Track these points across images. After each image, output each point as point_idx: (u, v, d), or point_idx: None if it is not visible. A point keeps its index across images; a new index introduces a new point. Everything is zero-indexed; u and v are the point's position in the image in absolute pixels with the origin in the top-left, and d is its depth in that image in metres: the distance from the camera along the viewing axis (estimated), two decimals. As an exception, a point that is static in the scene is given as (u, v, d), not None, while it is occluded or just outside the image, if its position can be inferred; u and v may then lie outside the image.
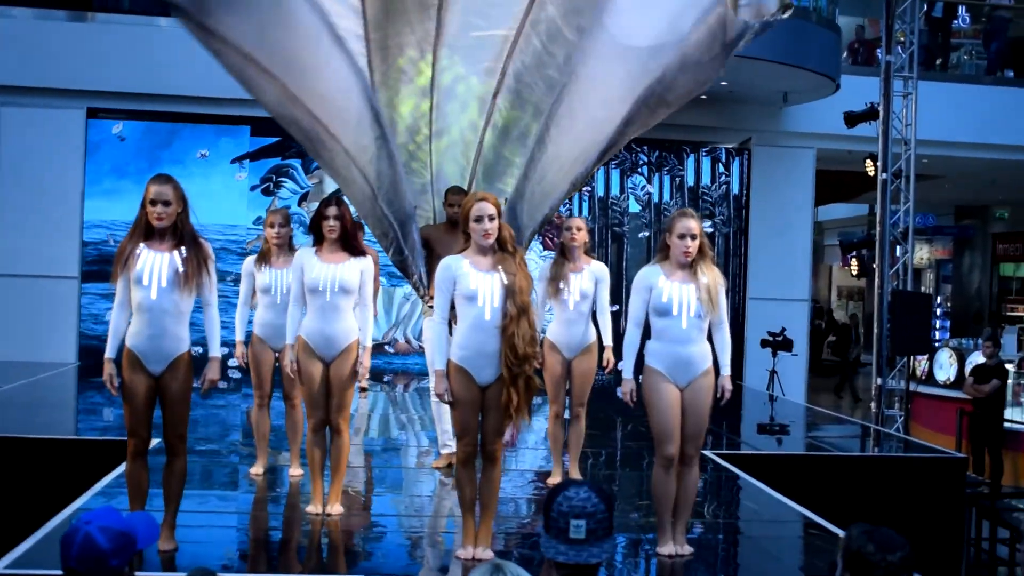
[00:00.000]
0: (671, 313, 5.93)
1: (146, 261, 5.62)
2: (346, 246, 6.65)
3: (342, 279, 6.56)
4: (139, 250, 5.65)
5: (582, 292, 7.50)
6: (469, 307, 5.66)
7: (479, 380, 5.70)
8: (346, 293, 6.58)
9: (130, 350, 5.68)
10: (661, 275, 5.99)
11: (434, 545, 6.72)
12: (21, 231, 14.93)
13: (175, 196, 5.67)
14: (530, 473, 8.77)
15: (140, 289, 5.61)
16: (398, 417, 11.86)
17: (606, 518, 3.04)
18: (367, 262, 6.74)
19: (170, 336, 5.67)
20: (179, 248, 5.67)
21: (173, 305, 5.65)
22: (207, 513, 7.11)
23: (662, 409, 5.95)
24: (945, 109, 16.40)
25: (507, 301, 5.63)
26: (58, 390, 12.95)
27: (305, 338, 6.62)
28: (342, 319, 6.61)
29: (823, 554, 6.61)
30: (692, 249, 5.94)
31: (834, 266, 33.42)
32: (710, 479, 8.69)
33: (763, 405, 14.26)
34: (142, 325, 5.65)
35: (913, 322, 13.96)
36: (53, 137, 14.99)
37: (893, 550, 3.09)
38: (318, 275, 6.54)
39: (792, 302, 16.88)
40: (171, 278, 5.62)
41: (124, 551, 3.08)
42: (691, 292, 5.94)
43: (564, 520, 3.02)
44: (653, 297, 5.96)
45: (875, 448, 11.32)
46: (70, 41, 14.86)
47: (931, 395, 16.01)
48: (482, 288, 5.63)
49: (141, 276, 5.59)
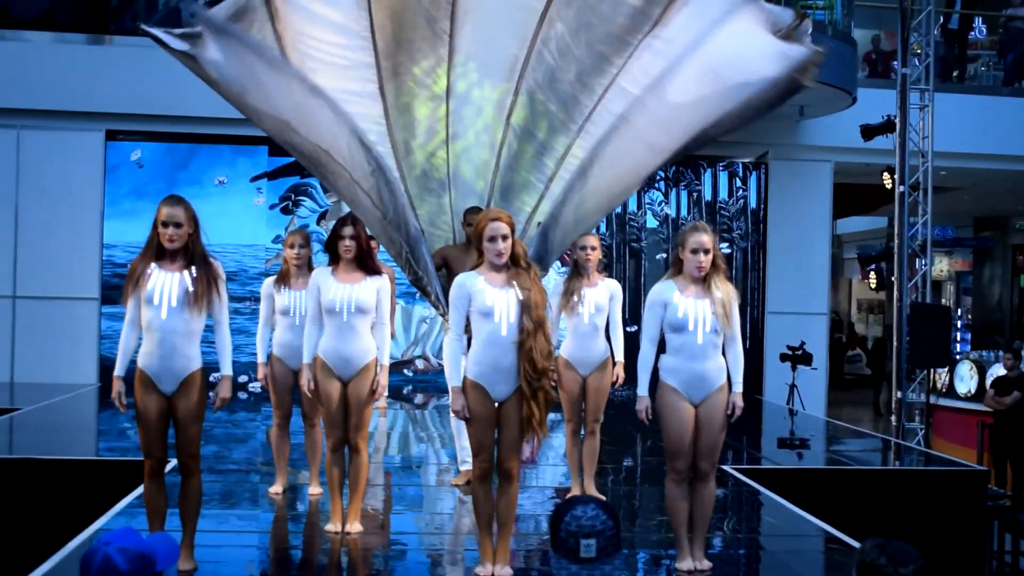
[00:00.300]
0: (687, 329, 5.92)
1: (157, 281, 5.66)
2: (362, 265, 6.66)
3: (358, 299, 6.57)
4: (150, 270, 5.69)
5: (597, 305, 7.53)
6: (485, 323, 5.70)
7: (494, 396, 5.72)
8: (363, 313, 6.60)
9: (142, 371, 5.72)
10: (676, 290, 5.98)
11: (454, 563, 6.71)
12: (41, 253, 15.01)
13: (186, 217, 5.72)
14: (550, 490, 8.76)
15: (151, 309, 5.65)
16: (418, 435, 11.86)
17: (615, 535, 3.03)
18: (383, 281, 6.76)
19: (181, 355, 5.70)
20: (189, 268, 5.71)
21: (184, 324, 5.68)
22: (227, 532, 7.13)
23: (675, 426, 5.93)
24: (962, 121, 16.35)
25: (523, 316, 5.66)
26: (79, 411, 13.00)
27: (323, 358, 6.65)
28: (359, 339, 6.63)
29: (843, 569, 6.57)
30: (705, 264, 5.94)
31: (853, 279, 33.29)
32: (730, 494, 8.66)
33: (783, 419, 14.22)
34: (153, 345, 5.69)
35: (932, 334, 13.91)
36: (72, 160, 15.09)
37: (906, 563, 3.08)
38: (334, 295, 6.56)
39: (811, 316, 16.83)
40: (181, 298, 5.65)
41: (143, 572, 3.09)
42: (706, 307, 5.93)
43: (574, 540, 2.99)
44: (668, 313, 5.95)
45: (896, 462, 11.27)
46: (88, 65, 14.97)
47: (952, 408, 15.93)
48: (498, 304, 5.67)
49: (152, 296, 5.63)
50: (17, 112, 15.00)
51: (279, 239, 14.83)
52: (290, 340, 7.59)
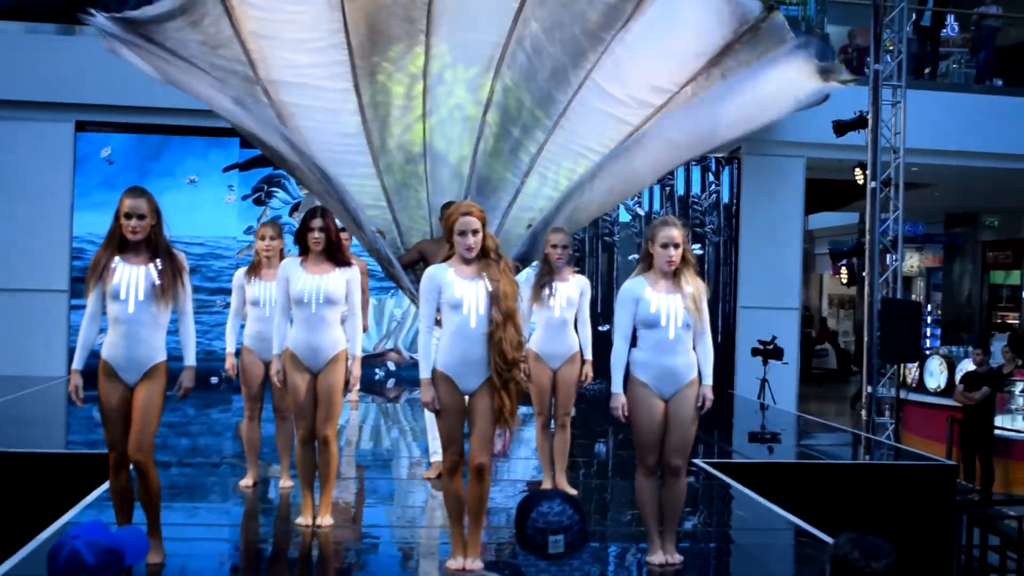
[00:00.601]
0: (660, 324, 5.91)
1: (122, 275, 5.65)
2: (331, 257, 6.66)
3: (327, 290, 6.58)
4: (114, 264, 5.68)
5: (568, 299, 7.57)
6: (454, 315, 5.70)
7: (463, 388, 5.72)
8: (331, 304, 6.61)
9: (106, 361, 5.71)
10: (647, 286, 5.97)
11: (426, 556, 6.70)
12: (10, 244, 14.90)
13: (149, 209, 5.70)
14: (521, 483, 8.75)
15: (117, 303, 5.64)
16: (389, 428, 11.84)
17: (582, 529, 3.01)
18: (353, 272, 6.75)
19: (146, 346, 5.70)
20: (154, 260, 5.71)
21: (151, 317, 5.69)
22: (197, 526, 7.09)
23: (645, 422, 5.93)
24: (934, 117, 16.42)
25: (492, 308, 5.65)
26: (48, 404, 12.91)
27: (292, 349, 6.64)
28: (328, 330, 6.63)
29: (814, 562, 6.60)
30: (676, 258, 5.92)
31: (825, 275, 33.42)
32: (701, 488, 8.69)
33: (754, 413, 14.26)
34: (118, 336, 5.68)
35: (903, 330, 13.97)
36: (42, 150, 14.97)
37: (879, 557, 3.09)
38: (303, 287, 6.57)
39: (783, 311, 16.88)
40: (148, 291, 5.66)
41: (110, 567, 3.07)
42: (678, 302, 5.92)
43: (541, 536, 2.97)
44: (640, 309, 5.93)
45: (866, 456, 11.32)
46: (58, 54, 14.85)
47: (922, 403, 16.01)
48: (467, 296, 5.67)
49: (118, 290, 5.62)
50: (-14, 102, 14.88)
51: (251, 230, 14.76)
52: (261, 331, 7.58)
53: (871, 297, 14.42)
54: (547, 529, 2.98)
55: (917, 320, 14.66)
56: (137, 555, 3.22)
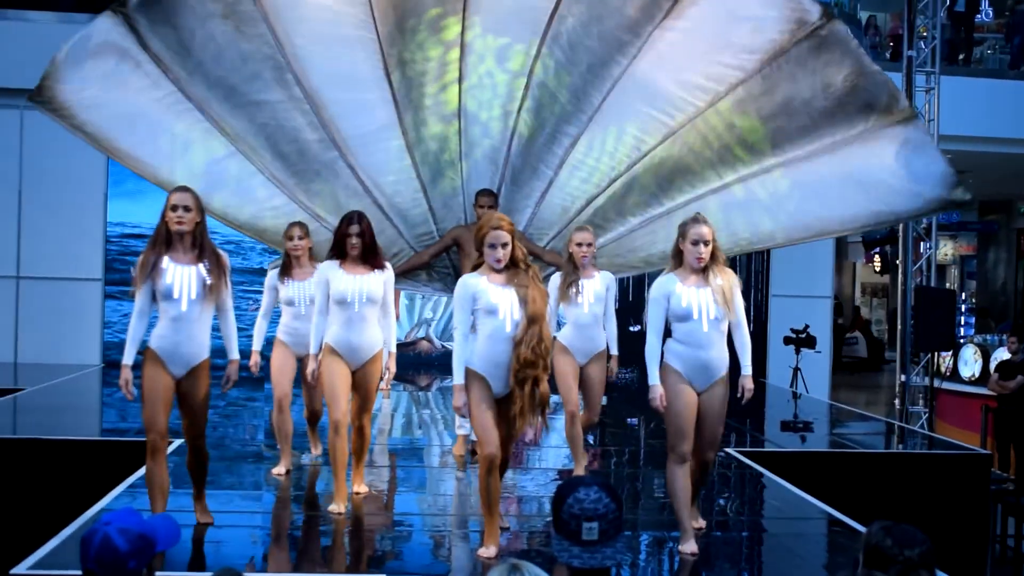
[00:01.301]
0: (692, 317, 6.01)
1: (174, 275, 5.93)
2: (367, 259, 6.84)
3: (369, 290, 6.78)
4: (164, 263, 5.93)
5: (596, 294, 7.67)
6: (490, 320, 5.87)
7: (495, 390, 5.93)
8: (372, 303, 6.82)
9: (154, 351, 5.99)
10: (677, 282, 6.07)
11: (458, 544, 6.72)
12: (44, 233, 15.01)
13: (195, 204, 6.00)
14: (552, 471, 8.77)
15: (170, 302, 5.95)
16: (421, 416, 11.86)
17: (617, 518, 2.99)
18: (388, 273, 6.96)
19: (195, 343, 6.01)
20: (202, 261, 6.00)
21: (199, 314, 6.01)
22: (230, 513, 7.13)
23: (679, 409, 6.05)
24: (968, 104, 16.28)
25: (522, 312, 5.85)
26: (82, 392, 13.02)
27: (332, 345, 6.82)
28: (368, 328, 6.85)
29: (847, 551, 6.58)
30: (705, 255, 6.03)
31: (858, 263, 33.26)
32: (733, 476, 8.66)
33: (786, 402, 14.22)
34: (169, 331, 5.98)
35: (937, 318, 13.88)
36: (76, 140, 14.93)
37: (912, 545, 3.07)
38: (346, 287, 6.75)
39: (815, 299, 16.81)
40: (200, 291, 5.97)
41: (143, 553, 3.08)
42: (708, 295, 6.02)
43: (576, 522, 2.96)
44: (672, 304, 6.04)
45: (899, 445, 11.26)
46: (92, 44, 14.90)
47: (956, 391, 15.90)
48: (503, 302, 5.86)
49: (171, 289, 5.92)
50: (21, 92, 14.90)
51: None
52: (296, 328, 7.79)
53: (904, 285, 14.33)
54: (582, 516, 2.97)
55: (951, 308, 14.56)
56: (168, 541, 3.23)
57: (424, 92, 7.98)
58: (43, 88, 7.52)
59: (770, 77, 7.54)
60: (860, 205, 7.77)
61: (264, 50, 7.56)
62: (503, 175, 8.47)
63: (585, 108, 8.00)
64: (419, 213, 8.65)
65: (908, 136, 7.53)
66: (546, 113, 8.07)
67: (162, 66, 7.52)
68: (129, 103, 7.56)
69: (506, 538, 6.67)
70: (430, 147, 8.27)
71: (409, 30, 7.59)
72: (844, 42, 7.33)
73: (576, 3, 7.50)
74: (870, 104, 7.43)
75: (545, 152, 8.26)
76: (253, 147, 7.91)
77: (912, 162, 7.55)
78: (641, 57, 7.66)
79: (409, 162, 8.32)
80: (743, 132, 7.76)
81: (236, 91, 7.65)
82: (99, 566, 3.04)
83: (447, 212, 8.67)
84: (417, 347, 15.57)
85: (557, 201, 8.55)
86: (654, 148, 8.07)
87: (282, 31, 7.50)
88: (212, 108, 7.70)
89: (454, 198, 8.60)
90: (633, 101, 7.88)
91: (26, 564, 5.62)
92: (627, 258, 8.45)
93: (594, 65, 7.73)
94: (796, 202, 7.87)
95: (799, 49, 7.38)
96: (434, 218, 8.70)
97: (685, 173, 8.08)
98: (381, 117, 8.03)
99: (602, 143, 8.19)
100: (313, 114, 7.89)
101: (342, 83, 7.85)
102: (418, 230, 8.72)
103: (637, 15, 7.46)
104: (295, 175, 8.11)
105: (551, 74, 7.84)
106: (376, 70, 7.79)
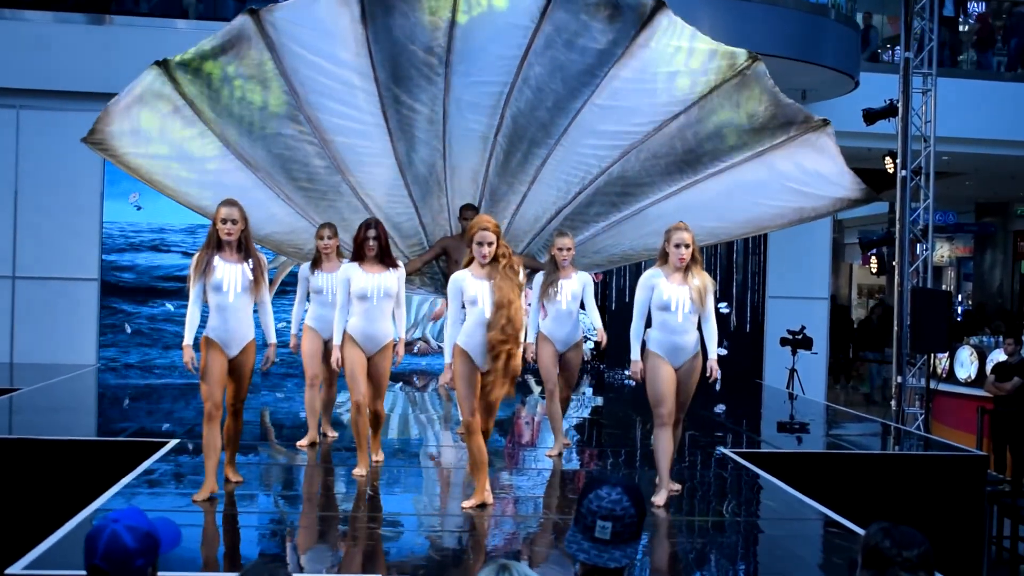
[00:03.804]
0: (670, 309, 7.21)
1: (223, 272, 7.13)
2: (383, 260, 7.92)
3: (386, 286, 7.88)
4: (215, 261, 7.13)
5: (573, 293, 8.73)
6: (473, 308, 7.02)
7: (479, 364, 7.03)
8: (388, 298, 7.92)
9: (211, 339, 7.15)
10: (662, 277, 7.26)
11: (453, 543, 6.72)
12: (40, 233, 15.02)
13: (240, 216, 7.19)
14: (547, 472, 8.78)
15: (220, 294, 7.13)
16: (418, 417, 11.87)
17: (634, 523, 2.99)
18: (401, 271, 8.06)
19: (243, 326, 7.23)
20: (247, 260, 7.20)
21: (244, 304, 7.23)
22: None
23: (660, 381, 7.27)
24: (965, 106, 16.31)
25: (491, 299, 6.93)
26: (78, 392, 13.02)
27: (351, 334, 7.89)
28: (383, 320, 7.96)
29: (843, 552, 6.59)
30: (686, 256, 7.21)
31: (854, 264, 33.31)
32: (730, 478, 8.67)
33: (783, 403, 14.24)
34: (219, 321, 7.16)
35: (933, 320, 13.89)
36: (72, 140, 14.93)
37: (911, 546, 3.07)
38: (366, 285, 7.84)
39: (812, 300, 16.84)
40: (245, 285, 7.17)
41: (150, 552, 3.09)
42: (686, 293, 7.21)
43: (592, 518, 2.98)
44: (655, 296, 7.23)
45: (895, 446, 11.27)
46: (88, 44, 14.93)
47: (952, 393, 15.93)
48: (480, 293, 6.96)
49: (220, 284, 7.11)
50: (17, 92, 14.98)
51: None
52: (323, 314, 8.89)
53: (901, 287, 14.34)
54: (598, 513, 2.98)
55: (948, 310, 14.57)
56: (170, 544, 3.24)
57: (414, 125, 9.22)
58: (95, 131, 8.73)
59: (704, 107, 8.92)
60: (785, 204, 9.25)
61: (281, 96, 8.88)
62: (483, 192, 9.78)
63: (552, 135, 9.28)
64: (411, 226, 9.98)
65: (821, 143, 8.89)
66: (518, 139, 9.35)
67: (195, 109, 8.74)
68: (167, 141, 8.84)
69: (502, 537, 6.69)
70: (420, 170, 9.54)
71: (403, 76, 8.89)
72: (763, 79, 8.73)
73: (542, 54, 8.79)
74: (790, 121, 8.86)
75: (519, 171, 9.58)
76: (270, 173, 9.21)
77: (823, 166, 8.95)
78: (598, 94, 8.97)
79: (402, 183, 9.60)
80: (686, 149, 9.14)
81: (256, 127, 8.98)
82: (107, 563, 3.04)
83: (435, 225, 9.99)
84: (414, 347, 15.58)
85: (530, 212, 9.86)
86: (612, 165, 9.38)
87: (298, 84, 8.84)
88: (236, 142, 8.99)
89: (441, 213, 9.92)
90: (592, 128, 9.19)
91: (21, 564, 5.62)
92: (593, 258, 9.76)
93: (559, 101, 9.06)
94: (733, 203, 9.27)
95: (728, 85, 8.77)
96: (424, 230, 10.03)
97: (639, 184, 9.44)
98: (378, 146, 9.29)
99: (566, 163, 9.46)
100: (320, 146, 9.18)
101: (345, 119, 9.11)
102: (410, 240, 10.05)
103: (593, 63, 8.82)
104: (306, 196, 9.42)
105: (522, 108, 9.12)
106: (374, 108, 9.04)
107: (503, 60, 8.86)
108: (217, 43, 8.63)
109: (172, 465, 8.31)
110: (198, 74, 8.66)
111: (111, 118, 8.68)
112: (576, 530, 3.02)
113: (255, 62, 8.70)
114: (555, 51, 8.80)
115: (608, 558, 2.97)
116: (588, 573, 3.02)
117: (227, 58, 8.66)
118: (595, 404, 13.47)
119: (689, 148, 9.10)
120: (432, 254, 9.92)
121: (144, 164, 8.90)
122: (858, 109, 14.84)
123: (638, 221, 9.51)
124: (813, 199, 9.17)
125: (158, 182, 9.00)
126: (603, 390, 14.45)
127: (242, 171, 9.12)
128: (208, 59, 8.64)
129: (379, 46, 8.71)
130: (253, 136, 9.04)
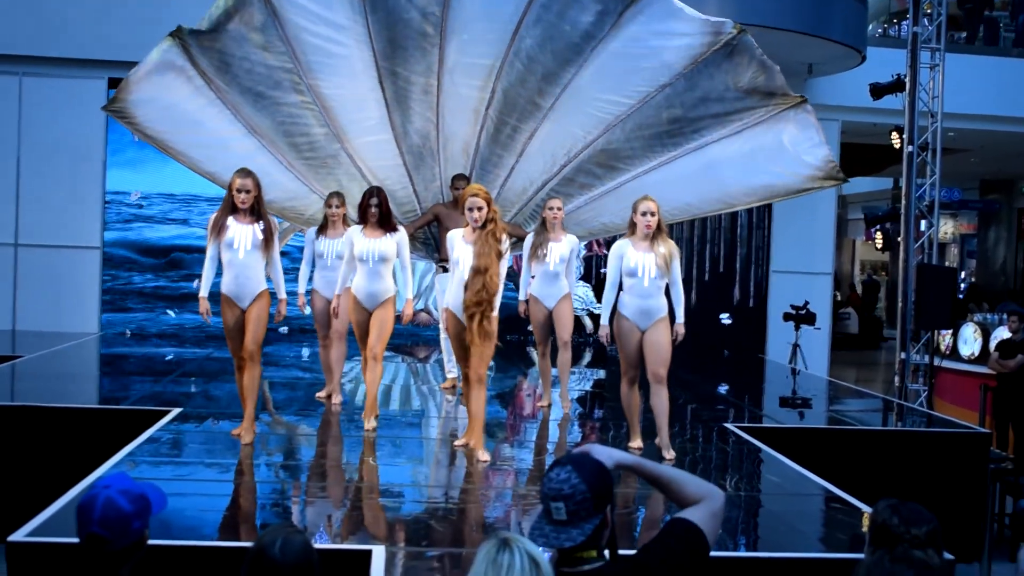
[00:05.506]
0: (637, 275, 7.68)
1: (235, 232, 7.84)
2: (383, 225, 8.62)
3: (381, 250, 8.58)
4: (228, 223, 7.82)
5: (560, 256, 9.35)
6: (456, 268, 7.70)
7: (464, 321, 7.67)
8: (384, 261, 8.60)
9: (225, 295, 7.91)
10: (630, 246, 7.73)
11: (454, 515, 6.72)
12: (42, 201, 15.00)
13: (254, 184, 7.88)
14: (551, 445, 8.77)
15: (231, 251, 7.83)
16: (419, 388, 11.87)
17: (587, 499, 2.91)
18: (401, 235, 8.74)
19: (253, 281, 7.91)
20: (258, 222, 7.88)
21: (255, 262, 7.90)
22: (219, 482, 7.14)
23: (627, 344, 7.82)
24: (972, 82, 16.22)
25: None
26: (80, 360, 13.02)
27: (355, 293, 8.66)
28: (381, 280, 8.64)
29: (844, 527, 6.58)
30: (652, 224, 7.66)
31: (857, 240, 33.27)
32: (732, 452, 8.67)
33: (785, 378, 14.23)
34: (231, 277, 7.88)
35: (937, 296, 13.85)
36: (74, 107, 15.00)
37: (919, 523, 3.06)
38: (363, 248, 8.57)
39: (815, 276, 16.82)
40: (255, 243, 7.87)
41: (144, 513, 3.11)
42: (651, 259, 7.66)
43: (547, 502, 2.93)
44: (624, 263, 7.70)
45: (898, 423, 11.26)
46: (90, 11, 14.86)
47: (955, 370, 15.90)
48: (464, 256, 7.63)
49: (232, 242, 7.83)
50: (19, 59, 14.93)
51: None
52: (326, 275, 9.59)
53: (906, 263, 14.30)
54: (549, 495, 2.93)
55: (952, 286, 14.53)
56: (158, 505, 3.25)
57: (410, 97, 9.54)
58: (116, 100, 9.03)
59: (692, 77, 9.10)
60: (757, 181, 9.44)
61: (286, 65, 9.20)
62: (473, 162, 10.13)
63: (540, 108, 9.58)
64: (405, 194, 10.33)
65: (801, 119, 9.04)
66: (508, 112, 9.65)
67: (206, 79, 9.08)
68: (181, 110, 9.19)
69: (502, 508, 6.69)
70: (414, 140, 9.90)
71: (399, 46, 9.16)
72: (751, 49, 8.88)
73: (534, 27, 9.02)
74: (771, 92, 9.00)
75: (508, 143, 9.93)
76: (274, 141, 9.57)
77: (799, 143, 9.10)
78: (585, 68, 9.22)
79: (397, 152, 9.96)
80: (671, 119, 9.35)
81: (262, 96, 9.32)
82: (105, 528, 3.04)
83: (428, 193, 10.39)
84: (416, 319, 15.55)
85: (518, 183, 10.22)
86: (596, 139, 9.68)
87: (300, 52, 9.14)
88: (243, 111, 9.34)
89: (433, 182, 10.31)
90: (579, 102, 9.48)
91: (23, 531, 5.62)
92: (574, 230, 9.86)
93: (547, 75, 9.34)
94: (709, 178, 9.50)
95: (716, 55, 8.93)
96: (417, 198, 10.42)
97: (623, 157, 9.73)
98: (375, 116, 9.64)
99: (553, 136, 9.76)
100: (321, 114, 9.50)
101: (345, 89, 9.43)
102: (404, 208, 10.35)
103: (582, 36, 9.05)
104: (307, 163, 9.79)
105: (513, 81, 9.38)
106: (372, 79, 9.36)
107: (496, 30, 9.11)
108: (222, 10, 8.90)
109: (173, 434, 8.31)
110: (209, 44, 8.94)
111: (130, 87, 8.95)
112: (539, 515, 2.97)
113: (258, 28, 8.99)
114: (546, 23, 9.03)
115: (565, 538, 2.90)
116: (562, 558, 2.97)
117: (233, 25, 8.93)
118: (597, 377, 13.48)
119: (675, 118, 9.31)
120: (424, 220, 10.38)
121: (159, 132, 9.24)
122: (865, 84, 14.76)
123: (619, 195, 9.73)
124: (785, 177, 9.35)
125: (172, 148, 9.35)
126: (605, 363, 14.43)
127: (248, 138, 9.49)
128: (216, 28, 8.92)
129: (376, 16, 9.00)
130: (259, 105, 9.38)
